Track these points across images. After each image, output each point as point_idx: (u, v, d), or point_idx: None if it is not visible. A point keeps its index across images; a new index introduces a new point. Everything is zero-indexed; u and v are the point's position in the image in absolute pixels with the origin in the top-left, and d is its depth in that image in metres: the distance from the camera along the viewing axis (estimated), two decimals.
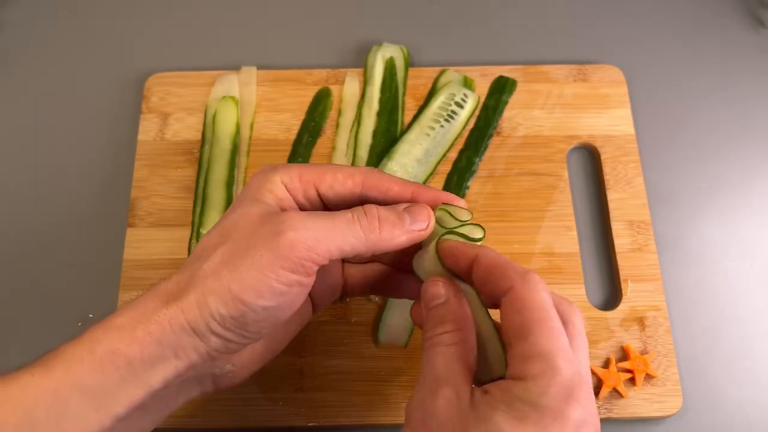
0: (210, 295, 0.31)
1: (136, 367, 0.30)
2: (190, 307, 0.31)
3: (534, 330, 0.28)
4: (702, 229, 0.52)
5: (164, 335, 0.30)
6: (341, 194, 0.35)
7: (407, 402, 0.31)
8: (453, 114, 0.54)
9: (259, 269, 0.30)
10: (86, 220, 0.52)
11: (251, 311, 0.31)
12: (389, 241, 0.33)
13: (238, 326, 0.31)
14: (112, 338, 0.30)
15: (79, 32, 0.60)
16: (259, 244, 0.31)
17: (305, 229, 0.31)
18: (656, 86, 0.58)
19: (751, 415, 0.46)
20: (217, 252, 0.32)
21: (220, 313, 0.30)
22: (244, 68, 0.56)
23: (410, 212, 0.34)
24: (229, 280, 0.30)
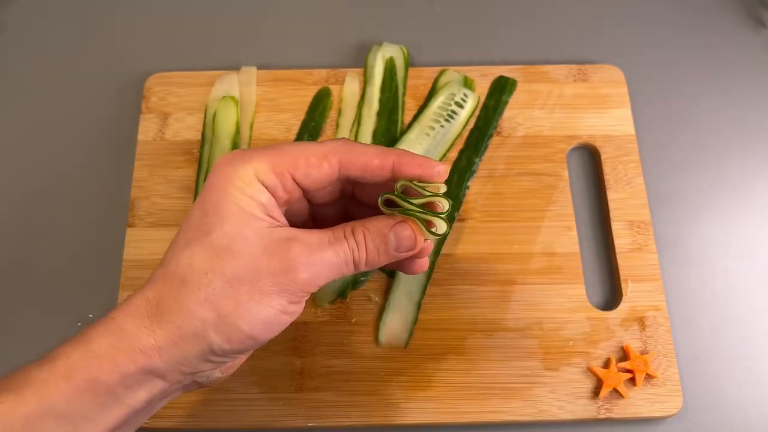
0: (212, 331, 0.30)
1: (116, 393, 0.29)
2: (185, 338, 0.30)
3: None
4: (702, 229, 0.52)
5: (151, 365, 0.29)
6: (318, 179, 0.33)
7: None
8: (453, 114, 0.54)
9: (268, 305, 0.30)
10: (86, 220, 0.52)
11: (255, 343, 0.31)
12: (373, 265, 0.34)
13: (237, 353, 0.32)
14: (90, 366, 0.29)
15: (79, 32, 0.60)
16: (265, 277, 0.30)
17: (313, 267, 0.31)
18: (656, 86, 0.58)
19: (752, 415, 0.46)
20: (214, 281, 0.30)
21: (222, 349, 0.30)
22: (244, 68, 0.56)
23: (396, 234, 0.33)
24: (238, 318, 0.30)
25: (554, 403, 0.45)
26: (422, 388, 0.46)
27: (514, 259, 0.50)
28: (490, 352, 0.47)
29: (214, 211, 0.31)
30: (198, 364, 0.31)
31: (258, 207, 0.32)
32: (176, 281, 0.30)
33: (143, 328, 0.30)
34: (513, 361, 0.46)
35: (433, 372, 0.46)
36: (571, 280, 0.49)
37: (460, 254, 0.50)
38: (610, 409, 0.45)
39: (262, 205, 0.32)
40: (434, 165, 0.33)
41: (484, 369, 0.46)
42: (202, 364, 0.31)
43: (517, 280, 0.49)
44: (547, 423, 0.45)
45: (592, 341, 0.47)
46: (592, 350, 0.47)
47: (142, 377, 0.29)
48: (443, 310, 0.48)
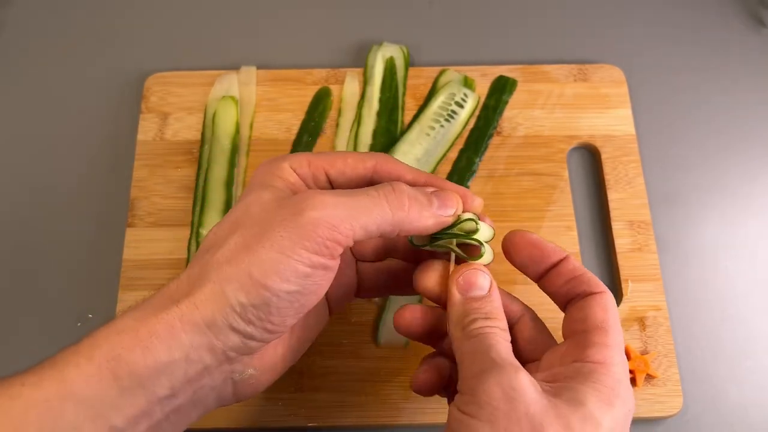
0: (227, 284, 0.28)
1: (139, 374, 0.27)
2: (204, 300, 0.28)
3: (614, 327, 0.30)
4: (702, 229, 0.52)
5: (173, 336, 0.28)
6: (352, 179, 0.33)
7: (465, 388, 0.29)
8: (453, 114, 0.54)
9: (280, 250, 0.28)
10: (86, 220, 0.52)
11: (275, 297, 0.28)
12: (417, 222, 0.31)
13: (261, 317, 0.29)
14: (113, 342, 0.27)
15: (79, 32, 0.60)
16: (277, 225, 0.29)
17: (328, 207, 0.29)
18: (656, 86, 0.58)
19: (752, 415, 0.46)
20: (230, 239, 0.29)
21: (240, 303, 0.28)
22: (243, 68, 0.56)
23: (438, 197, 0.32)
24: (249, 265, 0.28)
25: None
26: None
27: None
28: None
29: (244, 193, 0.32)
30: (221, 332, 0.28)
31: (282, 183, 0.32)
32: (204, 252, 0.30)
33: (169, 300, 0.29)
34: None
35: None
36: None
37: None
38: None
39: (288, 183, 0.32)
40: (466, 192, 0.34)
41: None
42: (227, 333, 0.28)
43: (517, 280, 0.49)
44: None
45: None
46: None
47: (165, 354, 0.27)
48: None
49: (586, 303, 0.31)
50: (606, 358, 0.29)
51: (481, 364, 0.29)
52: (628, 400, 0.29)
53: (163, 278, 0.48)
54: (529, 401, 0.27)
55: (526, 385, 0.27)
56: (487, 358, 0.29)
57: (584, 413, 0.27)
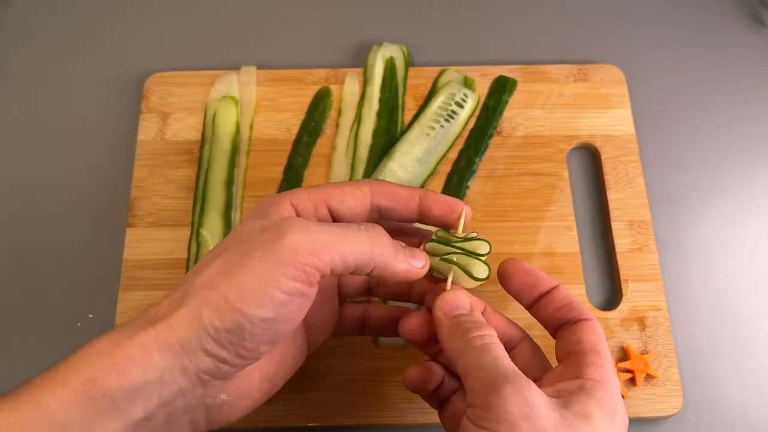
0: (204, 307, 0.28)
1: (113, 397, 0.27)
2: (179, 322, 0.28)
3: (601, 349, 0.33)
4: (702, 229, 0.52)
5: (148, 357, 0.28)
6: (352, 208, 0.34)
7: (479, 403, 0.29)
8: (453, 114, 0.54)
9: (258, 275, 0.28)
10: (86, 220, 0.52)
11: (249, 323, 0.28)
12: (392, 263, 0.32)
13: (234, 342, 0.29)
14: (88, 366, 0.27)
15: (79, 32, 0.60)
16: (257, 248, 0.29)
17: (308, 233, 0.29)
18: (656, 86, 0.58)
19: (752, 415, 0.46)
20: (213, 264, 0.30)
21: (214, 326, 0.28)
22: (243, 68, 0.56)
23: (409, 249, 0.34)
24: (226, 290, 0.28)
25: None
26: None
27: None
28: None
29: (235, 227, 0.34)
30: (197, 357, 0.28)
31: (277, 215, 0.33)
32: (188, 277, 0.31)
33: (147, 324, 0.29)
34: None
35: None
36: (571, 280, 0.49)
37: None
38: None
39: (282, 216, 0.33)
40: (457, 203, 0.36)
41: None
42: (201, 358, 0.29)
43: None
44: None
45: None
46: None
47: (140, 376, 0.28)
48: None
49: (578, 328, 0.34)
50: (603, 377, 0.31)
51: (491, 377, 0.29)
52: (624, 417, 0.31)
53: (163, 278, 0.49)
54: (545, 415, 0.28)
55: (540, 399, 0.28)
56: (495, 371, 0.29)
57: (592, 426, 0.29)
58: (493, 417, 0.28)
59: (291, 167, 0.53)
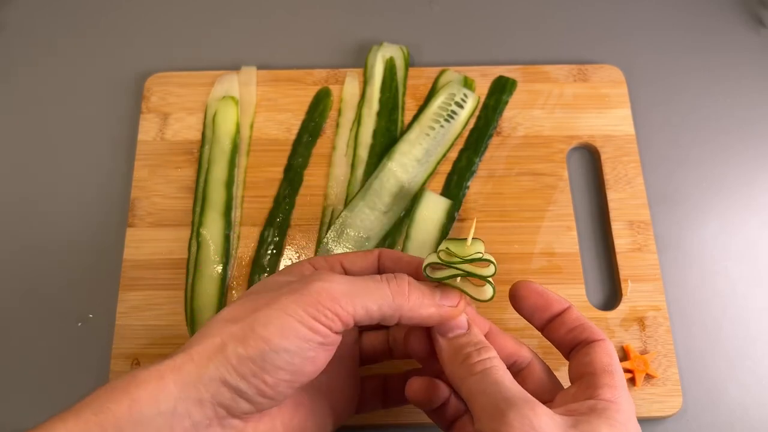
0: (229, 338, 0.29)
1: (123, 429, 0.27)
2: (200, 352, 0.29)
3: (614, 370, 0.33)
4: (702, 229, 0.52)
5: (161, 387, 0.28)
6: (362, 268, 0.36)
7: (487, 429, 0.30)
8: (453, 114, 0.54)
9: (283, 310, 0.30)
10: (86, 220, 0.52)
11: (272, 352, 0.29)
12: (417, 310, 0.32)
13: (255, 373, 0.29)
14: (102, 397, 0.28)
15: (79, 32, 0.60)
16: (285, 292, 0.30)
17: (334, 282, 0.31)
18: (656, 86, 0.58)
19: (752, 415, 0.46)
20: (238, 303, 0.31)
21: (237, 354, 0.29)
22: (244, 68, 0.57)
23: (441, 289, 0.34)
24: (252, 321, 0.29)
25: None
26: None
27: (514, 259, 0.50)
28: None
29: None
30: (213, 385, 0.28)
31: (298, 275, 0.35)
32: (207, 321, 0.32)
33: (166, 358, 0.29)
34: None
35: None
36: (571, 280, 0.49)
37: None
38: None
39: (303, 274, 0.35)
40: None
41: None
42: (218, 388, 0.29)
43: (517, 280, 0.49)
44: None
45: None
46: None
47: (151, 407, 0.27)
48: None
49: (592, 349, 0.34)
50: (616, 398, 0.31)
51: (494, 403, 0.30)
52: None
53: (163, 278, 0.49)
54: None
55: (546, 421, 0.29)
56: (499, 396, 0.30)
57: None
58: None
59: (291, 167, 0.53)
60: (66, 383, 0.47)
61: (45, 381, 0.47)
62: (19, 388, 0.47)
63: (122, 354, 0.46)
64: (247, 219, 0.51)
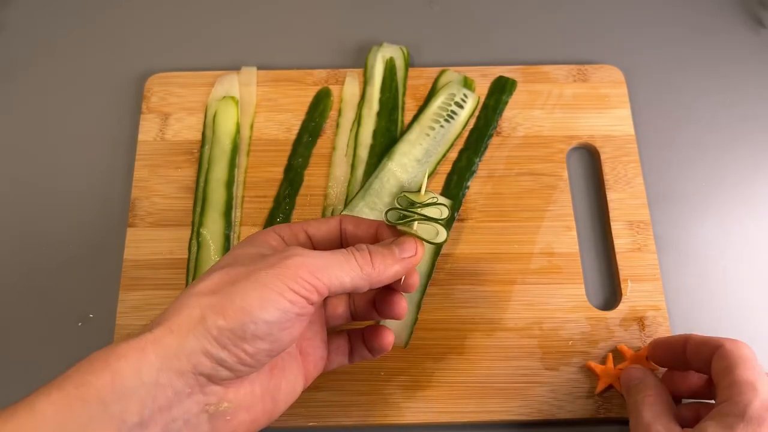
0: (207, 309, 0.30)
1: (106, 399, 0.27)
2: (179, 324, 0.29)
3: (739, 366, 0.36)
4: (702, 229, 0.52)
5: (142, 358, 0.28)
6: (326, 231, 0.38)
7: None
8: (453, 114, 0.54)
9: (263, 284, 0.30)
10: (86, 220, 0.52)
11: (252, 323, 0.30)
12: (384, 273, 0.34)
13: (236, 343, 0.30)
14: (83, 370, 0.28)
15: (79, 32, 0.60)
16: (263, 267, 0.31)
17: (310, 257, 0.32)
18: (656, 86, 0.58)
19: None
20: (212, 276, 0.32)
21: (218, 326, 0.29)
22: (244, 68, 0.57)
23: (397, 243, 0.36)
24: (231, 293, 0.30)
25: (554, 403, 0.45)
26: (422, 388, 0.46)
27: (514, 259, 0.50)
28: (490, 352, 0.47)
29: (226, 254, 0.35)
30: (194, 356, 0.29)
31: (266, 244, 0.35)
32: (183, 291, 0.32)
33: (144, 330, 0.30)
34: (513, 360, 0.47)
35: (433, 372, 0.46)
36: (571, 280, 0.49)
37: (460, 254, 0.50)
38: (609, 409, 0.45)
39: (270, 244, 0.35)
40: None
41: (484, 369, 0.46)
42: (199, 358, 0.29)
43: (516, 280, 0.49)
44: (547, 422, 0.45)
45: (591, 341, 0.47)
46: (591, 350, 0.47)
47: (133, 379, 0.28)
48: (443, 310, 0.48)
49: (714, 360, 0.38)
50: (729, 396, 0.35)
51: (634, 421, 0.38)
52: (757, 421, 0.33)
53: (163, 278, 0.49)
54: None
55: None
56: (639, 423, 0.38)
57: None
58: None
59: (291, 167, 0.53)
60: None
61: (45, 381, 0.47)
62: (19, 388, 0.46)
63: None
64: (248, 219, 0.51)
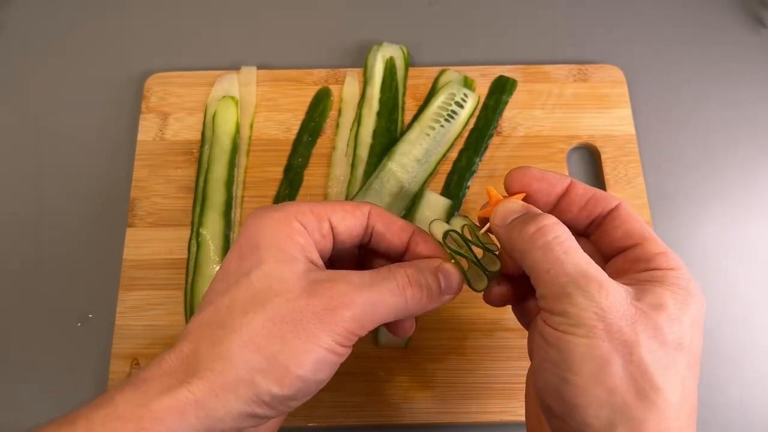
0: (258, 374, 0.28)
1: None
2: (226, 386, 0.27)
3: (651, 234, 0.32)
4: (702, 229, 0.52)
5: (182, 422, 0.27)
6: (350, 227, 0.34)
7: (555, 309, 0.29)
8: (453, 114, 0.54)
9: (314, 342, 0.29)
10: (86, 220, 0.52)
11: (306, 386, 0.29)
12: (425, 309, 0.33)
13: (286, 403, 0.29)
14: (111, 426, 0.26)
15: (79, 32, 0.60)
16: (310, 317, 0.29)
17: (358, 306, 0.30)
18: (656, 86, 0.58)
19: (752, 415, 0.46)
20: (254, 321, 0.29)
21: (271, 393, 0.28)
22: (244, 68, 0.57)
23: (444, 276, 0.33)
24: (284, 355, 0.28)
25: None
26: (422, 388, 0.46)
27: None
28: (490, 352, 0.47)
29: (251, 253, 0.31)
30: (239, 419, 0.28)
31: (297, 248, 0.32)
32: (214, 327, 0.29)
33: (177, 383, 0.27)
34: (513, 361, 0.46)
35: (433, 372, 0.46)
36: None
37: None
38: None
39: (300, 246, 0.32)
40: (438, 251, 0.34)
41: (484, 369, 0.46)
42: (244, 420, 0.28)
43: None
44: None
45: None
46: None
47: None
48: (443, 310, 0.48)
49: (617, 220, 0.32)
50: (673, 263, 0.30)
51: (560, 283, 0.28)
52: (700, 297, 0.30)
53: (163, 278, 0.49)
54: (619, 314, 0.28)
55: (613, 300, 0.28)
56: (565, 276, 0.28)
57: (669, 315, 0.28)
58: (569, 322, 0.28)
59: (291, 167, 0.53)
60: (66, 383, 0.47)
61: (45, 381, 0.47)
62: (19, 388, 0.47)
63: (122, 354, 0.46)
64: None
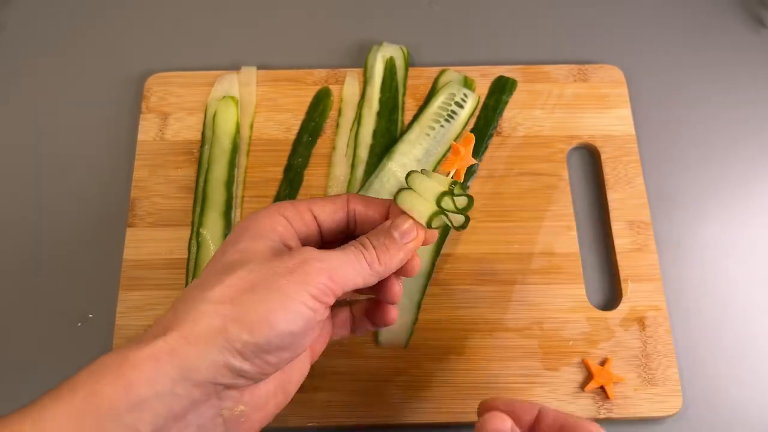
0: (230, 322, 0.29)
1: (120, 411, 0.26)
2: (198, 335, 0.28)
3: None
4: (702, 229, 0.52)
5: (158, 369, 0.27)
6: (331, 211, 0.36)
7: None
8: (453, 114, 0.54)
9: (285, 294, 0.30)
10: (86, 220, 0.52)
11: (278, 337, 0.29)
12: (391, 264, 0.34)
13: (260, 356, 0.29)
14: (94, 379, 0.27)
15: (79, 32, 0.60)
16: (280, 272, 0.30)
17: (326, 260, 0.32)
18: (656, 86, 0.58)
19: (752, 414, 0.46)
20: (227, 279, 0.30)
21: (243, 340, 0.28)
22: (244, 68, 0.57)
23: (395, 227, 0.34)
24: (255, 304, 0.29)
25: (554, 403, 0.45)
26: (422, 388, 0.46)
27: (514, 259, 0.50)
28: (490, 353, 0.47)
29: (231, 243, 0.33)
30: (215, 369, 0.28)
31: (274, 233, 0.34)
32: (192, 290, 0.31)
33: (154, 337, 0.28)
34: (513, 361, 0.46)
35: (433, 372, 0.46)
36: (571, 280, 0.49)
37: (460, 254, 0.50)
38: (609, 409, 0.45)
39: (279, 232, 0.34)
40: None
41: (484, 369, 0.46)
42: (220, 371, 0.29)
43: (517, 280, 0.49)
44: None
45: (591, 341, 0.47)
46: (591, 350, 0.47)
47: (148, 388, 0.27)
48: (443, 310, 0.48)
49: None
50: None
51: None
52: None
53: (163, 278, 0.49)
54: None
55: None
56: None
57: None
58: None
59: (291, 167, 0.53)
60: None
61: (45, 381, 0.47)
62: (20, 388, 0.47)
63: None
64: None
